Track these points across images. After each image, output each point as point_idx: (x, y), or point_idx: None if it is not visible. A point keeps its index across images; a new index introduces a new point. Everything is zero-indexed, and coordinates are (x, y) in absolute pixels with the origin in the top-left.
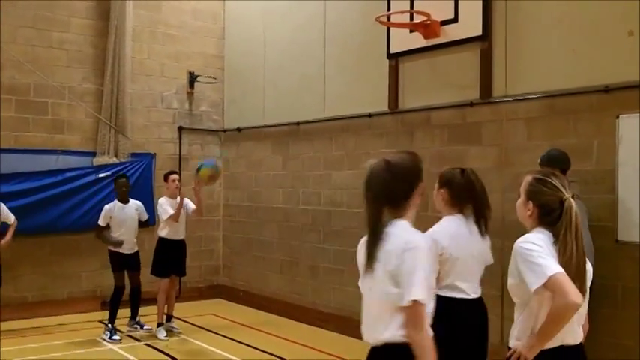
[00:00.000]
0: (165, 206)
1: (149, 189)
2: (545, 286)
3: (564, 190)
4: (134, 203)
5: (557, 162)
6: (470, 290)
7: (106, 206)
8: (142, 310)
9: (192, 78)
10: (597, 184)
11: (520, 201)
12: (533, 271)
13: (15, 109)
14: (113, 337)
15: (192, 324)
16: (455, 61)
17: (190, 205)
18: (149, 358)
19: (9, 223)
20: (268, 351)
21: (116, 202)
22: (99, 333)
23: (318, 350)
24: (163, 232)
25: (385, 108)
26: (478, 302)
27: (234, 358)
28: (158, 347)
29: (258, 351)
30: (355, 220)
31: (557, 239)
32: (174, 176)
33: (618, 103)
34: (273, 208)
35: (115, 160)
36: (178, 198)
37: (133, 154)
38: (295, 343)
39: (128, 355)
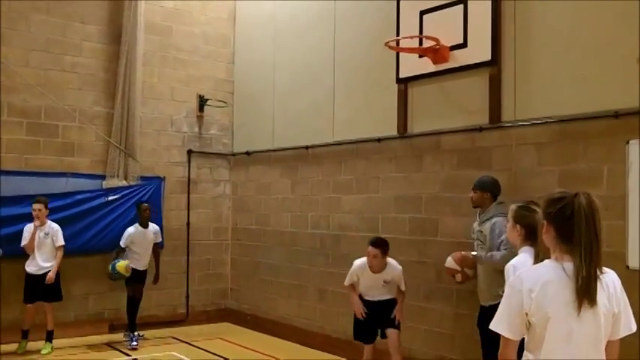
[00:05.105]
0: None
1: (158, 212)
2: None
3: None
4: (152, 227)
5: (488, 187)
6: None
7: (129, 229)
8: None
9: (201, 102)
10: (608, 209)
11: (509, 225)
12: None
13: (26, 131)
14: (132, 344)
15: (199, 348)
16: (464, 86)
17: None
18: None
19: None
20: None
21: (137, 225)
22: (106, 356)
23: None
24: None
25: (394, 132)
26: None
27: None
28: None
29: None
30: (364, 244)
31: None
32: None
33: (628, 128)
34: (281, 231)
35: (124, 183)
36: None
37: (143, 177)
38: None
39: None
